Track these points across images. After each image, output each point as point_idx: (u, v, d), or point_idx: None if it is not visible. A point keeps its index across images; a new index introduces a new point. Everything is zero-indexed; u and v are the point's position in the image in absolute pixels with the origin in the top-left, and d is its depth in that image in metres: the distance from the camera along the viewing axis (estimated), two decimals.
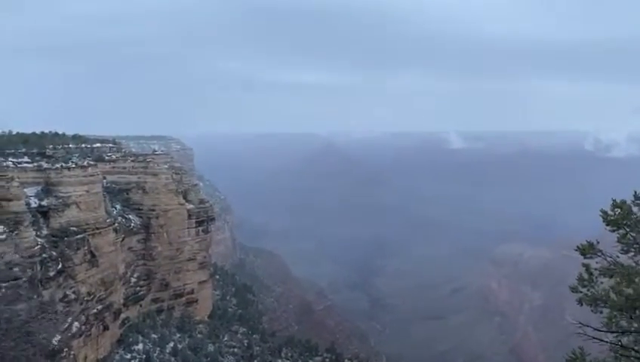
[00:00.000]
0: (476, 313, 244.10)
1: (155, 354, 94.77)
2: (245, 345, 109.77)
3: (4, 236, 67.57)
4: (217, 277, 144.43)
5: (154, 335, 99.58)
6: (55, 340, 72.14)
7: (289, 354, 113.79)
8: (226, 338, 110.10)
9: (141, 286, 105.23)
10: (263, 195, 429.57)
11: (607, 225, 16.12)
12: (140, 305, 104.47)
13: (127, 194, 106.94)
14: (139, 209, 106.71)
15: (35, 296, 71.40)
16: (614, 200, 16.32)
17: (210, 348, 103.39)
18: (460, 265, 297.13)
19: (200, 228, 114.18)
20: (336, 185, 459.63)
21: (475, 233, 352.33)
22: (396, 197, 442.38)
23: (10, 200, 71.95)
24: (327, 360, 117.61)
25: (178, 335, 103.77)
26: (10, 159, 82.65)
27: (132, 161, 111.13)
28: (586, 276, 15.87)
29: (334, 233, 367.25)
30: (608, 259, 16.02)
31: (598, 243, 16.27)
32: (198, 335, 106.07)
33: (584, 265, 16.13)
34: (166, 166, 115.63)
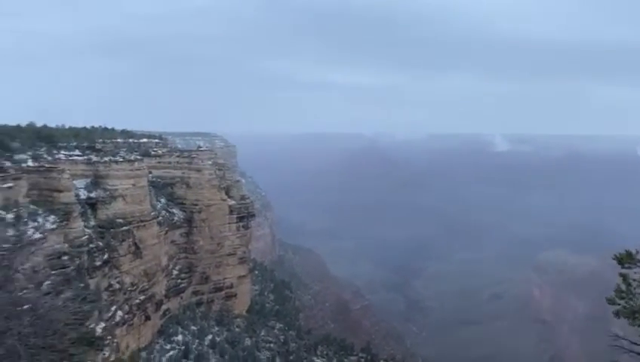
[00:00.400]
0: (516, 320, 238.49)
1: (194, 346, 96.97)
2: (282, 340, 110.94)
3: (54, 226, 70.49)
4: (256, 272, 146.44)
5: (193, 327, 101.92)
6: (99, 328, 74.93)
7: (324, 352, 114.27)
8: (262, 333, 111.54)
9: (182, 279, 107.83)
10: (304, 194, 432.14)
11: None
12: (181, 297, 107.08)
13: (172, 188, 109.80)
14: (182, 203, 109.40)
15: (82, 285, 74.30)
16: None
17: (248, 342, 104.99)
18: (501, 271, 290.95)
19: (240, 224, 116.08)
20: (377, 186, 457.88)
21: (517, 238, 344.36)
22: (438, 200, 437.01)
23: (61, 191, 75.03)
24: (363, 359, 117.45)
25: (217, 328, 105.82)
26: (62, 152, 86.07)
27: (177, 156, 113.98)
28: (623, 287, 15.34)
29: (373, 234, 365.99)
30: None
31: (637, 252, 15.61)
32: (236, 329, 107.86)
33: (622, 275, 15.51)
34: (209, 162, 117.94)
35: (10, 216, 66.11)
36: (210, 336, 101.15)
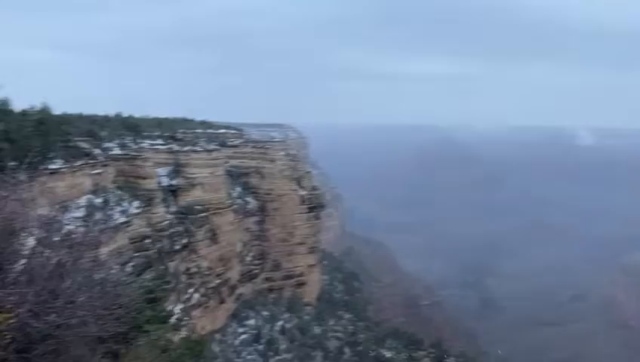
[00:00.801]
0: (598, 323, 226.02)
1: (265, 331, 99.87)
2: (350, 331, 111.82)
3: (138, 210, 74.85)
4: (325, 262, 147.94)
5: (265, 313, 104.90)
6: (177, 309, 78.93)
7: (393, 345, 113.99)
8: (331, 323, 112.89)
9: (255, 265, 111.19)
10: (375, 186, 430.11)
11: None
12: (254, 283, 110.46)
13: (247, 178, 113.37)
14: (256, 192, 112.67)
15: (162, 267, 78.53)
16: None
17: (317, 330, 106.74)
18: (583, 272, 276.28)
19: (311, 214, 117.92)
20: (452, 180, 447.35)
21: (602, 238, 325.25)
22: (516, 196, 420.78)
23: (144, 178, 79.58)
24: (432, 355, 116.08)
25: (287, 314, 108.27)
26: (146, 141, 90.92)
27: (252, 147, 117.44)
28: None
29: (446, 229, 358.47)
30: None
31: None
32: (306, 317, 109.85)
33: None
34: (282, 153, 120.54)
35: (98, 201, 70.86)
36: (280, 322, 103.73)
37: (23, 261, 9.36)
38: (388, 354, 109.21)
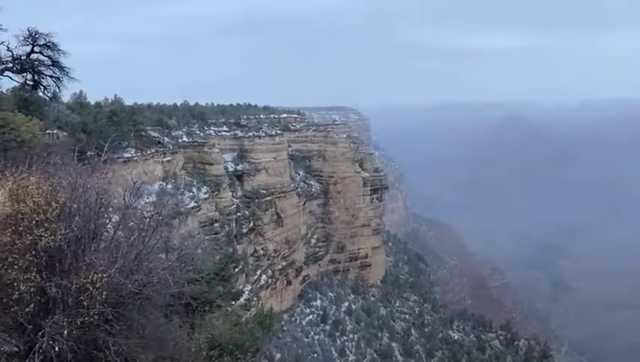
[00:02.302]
0: None
1: (332, 312, 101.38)
2: (417, 312, 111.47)
3: (207, 195, 77.51)
4: (390, 244, 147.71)
5: (331, 294, 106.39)
6: (246, 290, 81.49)
7: (461, 327, 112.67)
8: (397, 304, 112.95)
9: (320, 247, 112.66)
10: (440, 167, 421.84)
11: None
12: (319, 265, 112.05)
13: (309, 161, 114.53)
14: (319, 175, 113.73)
15: (231, 250, 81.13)
16: None
17: (383, 311, 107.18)
18: None
19: (374, 196, 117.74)
20: (521, 159, 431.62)
21: None
22: (589, 174, 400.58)
23: (212, 164, 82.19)
24: (502, 337, 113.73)
25: (352, 296, 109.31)
26: (212, 128, 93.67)
27: (314, 130, 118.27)
28: None
29: (515, 210, 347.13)
30: None
31: None
32: (371, 298, 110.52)
33: None
34: (344, 135, 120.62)
35: (169, 187, 73.95)
36: (346, 303, 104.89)
37: (111, 231, 11.00)
38: (456, 336, 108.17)
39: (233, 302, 20.52)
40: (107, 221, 11.17)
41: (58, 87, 25.05)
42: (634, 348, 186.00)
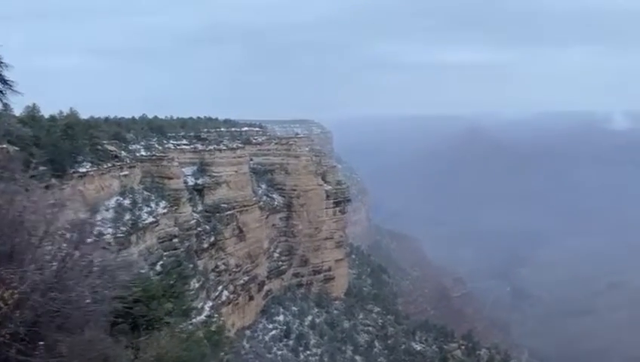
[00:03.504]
0: (635, 312, 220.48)
1: (295, 326, 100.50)
2: (380, 324, 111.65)
3: (166, 210, 76.05)
4: (353, 256, 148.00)
5: (294, 308, 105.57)
6: (207, 306, 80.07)
7: (423, 338, 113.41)
8: (361, 317, 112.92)
9: (283, 261, 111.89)
10: (401, 178, 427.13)
11: None
12: (282, 279, 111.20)
13: (272, 174, 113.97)
14: (282, 189, 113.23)
15: (191, 266, 79.68)
16: None
17: (346, 324, 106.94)
18: (619, 259, 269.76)
19: (337, 209, 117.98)
20: (481, 170, 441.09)
21: (638, 224, 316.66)
22: (547, 183, 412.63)
23: (171, 178, 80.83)
24: (464, 347, 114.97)
25: (316, 309, 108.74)
26: (171, 141, 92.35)
27: (276, 143, 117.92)
28: None
29: (476, 220, 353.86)
30: None
31: None
32: (335, 312, 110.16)
33: None
34: (307, 148, 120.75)
35: (126, 202, 72.27)
36: (310, 317, 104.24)
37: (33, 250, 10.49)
38: (418, 347, 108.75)
39: (184, 318, 20.01)
40: (29, 238, 10.71)
41: (1, 101, 24.16)
42: (592, 354, 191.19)
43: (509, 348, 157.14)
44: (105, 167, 70.31)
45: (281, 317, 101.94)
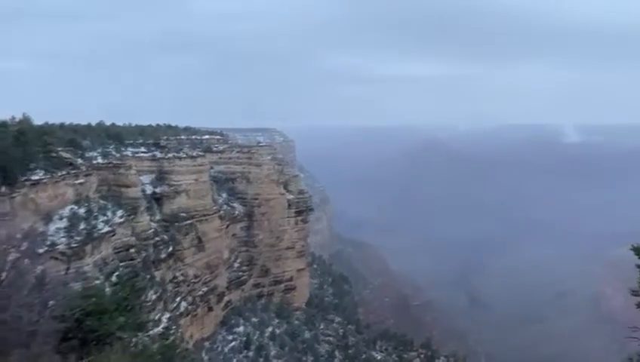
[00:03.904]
0: (585, 319, 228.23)
1: (255, 337, 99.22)
2: (340, 334, 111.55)
3: (122, 219, 73.90)
4: (315, 266, 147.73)
5: (254, 319, 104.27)
6: (164, 318, 78.09)
7: (384, 347, 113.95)
8: (322, 327, 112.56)
9: (243, 272, 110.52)
10: (362, 188, 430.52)
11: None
12: (242, 290, 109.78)
13: (233, 183, 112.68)
14: (243, 198, 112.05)
15: (148, 276, 77.62)
16: None
17: (307, 334, 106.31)
18: (570, 268, 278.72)
19: (299, 218, 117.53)
20: (438, 180, 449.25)
21: (588, 234, 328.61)
22: (502, 194, 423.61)
23: (128, 186, 78.68)
24: (422, 355, 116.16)
25: (277, 320, 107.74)
26: (129, 149, 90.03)
27: (237, 152, 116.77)
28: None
29: (434, 229, 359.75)
30: None
31: None
32: (295, 322, 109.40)
33: (638, 266, 15.32)
34: (269, 157, 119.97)
35: (81, 211, 69.86)
36: (270, 328, 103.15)
37: None
38: (378, 357, 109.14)
39: (138, 332, 19.38)
40: None
41: None
42: (545, 359, 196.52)
43: (466, 356, 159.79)
44: (59, 174, 67.79)
45: (240, 328, 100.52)
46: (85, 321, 15.35)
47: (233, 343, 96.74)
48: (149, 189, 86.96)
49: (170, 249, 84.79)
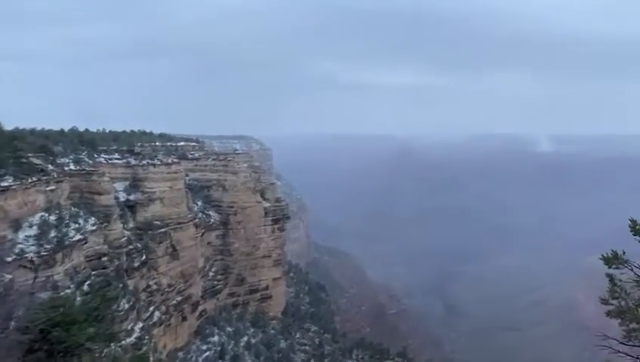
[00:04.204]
0: (559, 326, 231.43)
1: (230, 347, 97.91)
2: (317, 343, 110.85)
3: (94, 227, 72.34)
4: (291, 275, 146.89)
5: (229, 329, 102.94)
6: (137, 328, 76.51)
7: (360, 356, 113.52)
8: (297, 336, 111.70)
9: (218, 281, 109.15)
10: (339, 196, 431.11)
11: (635, 235, 15.15)
12: (217, 299, 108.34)
13: (208, 191, 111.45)
14: (218, 205, 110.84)
15: (121, 285, 76.03)
16: None
17: (283, 344, 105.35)
18: (543, 276, 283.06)
19: (275, 226, 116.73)
20: (413, 189, 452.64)
21: (561, 242, 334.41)
22: (476, 203, 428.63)
23: (101, 194, 77.11)
24: None
25: (252, 329, 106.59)
26: (102, 155, 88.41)
27: (213, 159, 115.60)
28: (610, 287, 15.16)
29: (411, 237, 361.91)
30: (635, 270, 15.00)
31: (624, 253, 15.15)
32: (271, 331, 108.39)
33: (608, 275, 15.35)
34: (245, 165, 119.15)
35: (52, 218, 68.20)
36: (245, 338, 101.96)
37: None
38: None
39: (108, 343, 18.73)
40: None
41: None
42: None
43: None
44: (29, 181, 66.13)
45: (215, 338, 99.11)
46: (52, 332, 14.77)
47: (207, 353, 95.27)
48: (122, 196, 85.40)
49: (144, 257, 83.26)
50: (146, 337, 78.08)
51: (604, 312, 15.37)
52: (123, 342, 75.26)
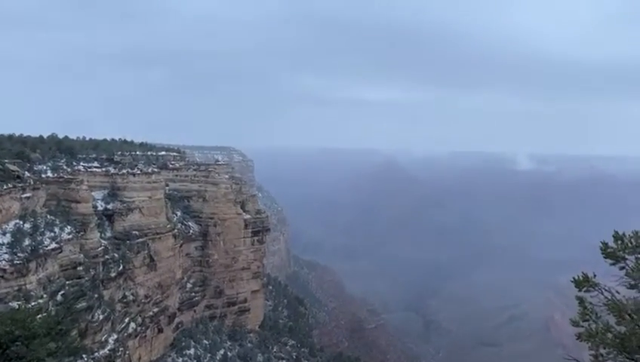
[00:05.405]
0: (535, 343, 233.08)
1: (206, 360, 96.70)
2: (294, 357, 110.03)
3: (70, 236, 71.20)
4: (270, 287, 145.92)
5: (205, 342, 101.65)
6: (111, 339, 75.16)
7: None
8: (275, 350, 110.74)
9: (196, 292, 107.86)
10: (320, 209, 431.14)
11: (606, 258, 15.41)
12: (194, 311, 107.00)
13: (188, 201, 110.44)
14: (198, 216, 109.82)
15: (96, 296, 74.73)
16: (616, 232, 15.67)
17: (260, 358, 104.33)
18: (520, 293, 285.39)
19: (255, 238, 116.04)
20: (395, 204, 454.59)
21: (538, 260, 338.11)
22: (457, 219, 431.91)
23: (78, 202, 76.01)
24: None
25: (229, 343, 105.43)
26: (81, 163, 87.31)
27: (194, 169, 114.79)
28: (580, 310, 15.32)
29: (391, 252, 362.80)
30: (605, 293, 15.20)
31: (595, 276, 15.34)
32: (248, 345, 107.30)
33: (578, 298, 15.48)
34: (226, 176, 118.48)
35: (27, 226, 66.99)
36: (222, 351, 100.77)
37: None
38: None
39: (73, 359, 18.31)
40: None
41: None
42: None
43: None
44: (4, 187, 65.02)
45: (191, 351, 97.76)
46: (11, 347, 14.42)
47: None
48: (100, 205, 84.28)
49: (121, 267, 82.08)
50: (121, 349, 76.74)
51: (574, 334, 15.48)
52: (96, 353, 73.91)
